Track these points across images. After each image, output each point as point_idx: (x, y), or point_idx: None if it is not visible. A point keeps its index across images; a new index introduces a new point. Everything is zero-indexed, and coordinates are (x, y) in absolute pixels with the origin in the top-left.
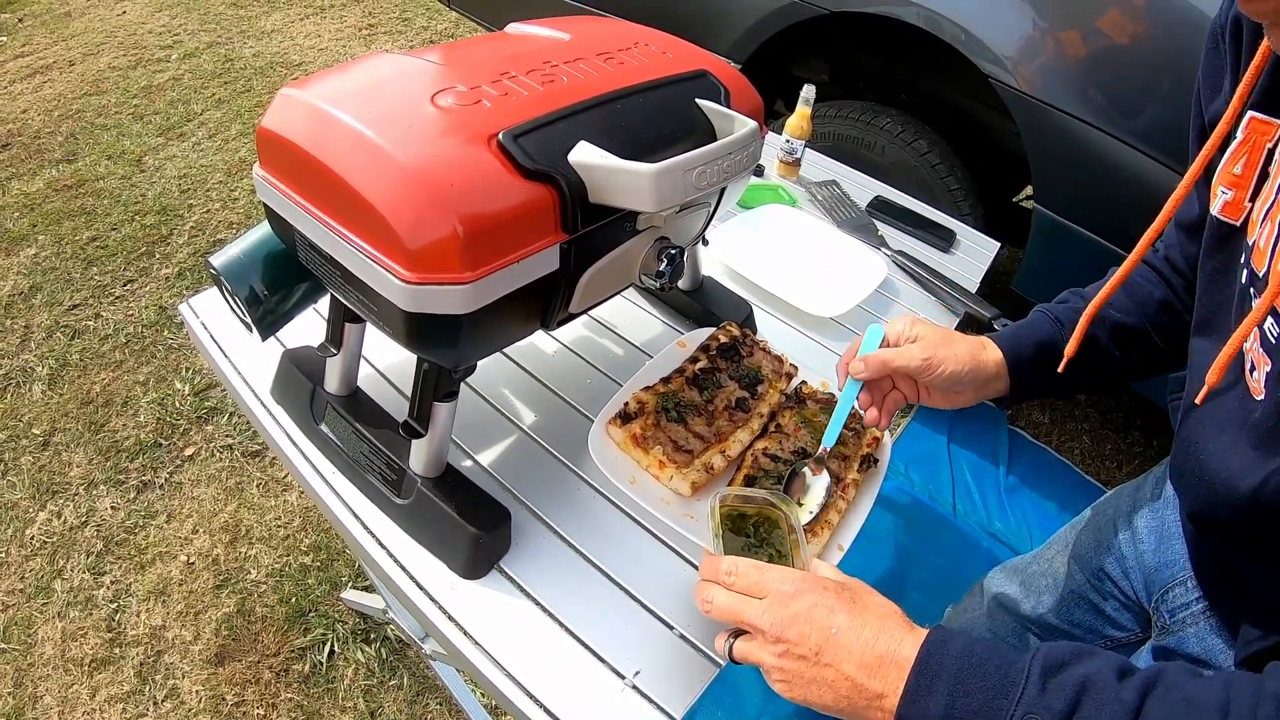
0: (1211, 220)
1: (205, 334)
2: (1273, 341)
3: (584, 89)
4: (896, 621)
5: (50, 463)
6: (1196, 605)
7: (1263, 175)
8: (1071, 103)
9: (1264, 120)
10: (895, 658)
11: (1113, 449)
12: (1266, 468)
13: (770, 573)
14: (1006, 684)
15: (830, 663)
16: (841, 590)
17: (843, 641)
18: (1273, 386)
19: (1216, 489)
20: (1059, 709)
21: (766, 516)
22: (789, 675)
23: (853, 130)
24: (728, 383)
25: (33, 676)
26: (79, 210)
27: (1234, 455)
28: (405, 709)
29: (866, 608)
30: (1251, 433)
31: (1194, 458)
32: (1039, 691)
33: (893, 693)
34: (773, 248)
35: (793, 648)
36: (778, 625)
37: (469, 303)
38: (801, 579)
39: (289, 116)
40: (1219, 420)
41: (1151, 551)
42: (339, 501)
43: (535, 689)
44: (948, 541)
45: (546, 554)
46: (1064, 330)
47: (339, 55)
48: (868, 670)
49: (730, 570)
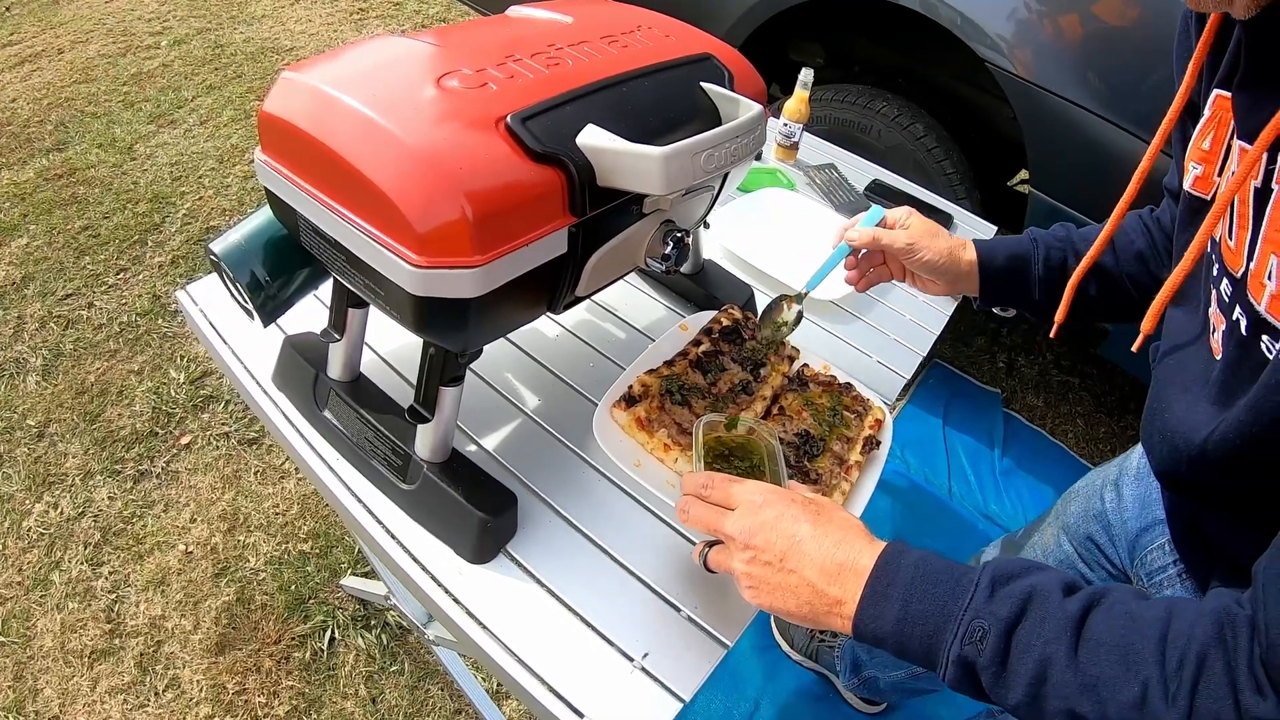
0: (1184, 194)
1: (204, 321)
2: (1226, 301)
3: (589, 72)
4: (857, 534)
5: (46, 454)
6: (1174, 568)
7: (1229, 150)
8: (1068, 87)
9: (1228, 96)
10: (854, 566)
11: (1106, 432)
12: (1221, 419)
13: (743, 485)
14: (957, 591)
15: (794, 569)
16: (808, 503)
17: (805, 549)
18: (1226, 343)
19: (1175, 443)
20: (1004, 615)
21: (749, 444)
22: (756, 581)
23: (849, 114)
24: (730, 366)
25: (32, 669)
26: (70, 199)
27: (1193, 411)
28: (407, 695)
29: (830, 519)
30: (1210, 389)
31: (1159, 415)
32: (987, 599)
33: (851, 599)
34: (772, 231)
35: (759, 554)
36: (746, 532)
37: (478, 286)
38: (770, 491)
39: (291, 100)
40: (1184, 379)
41: (1135, 518)
42: (343, 488)
43: (544, 673)
44: (944, 524)
45: (553, 538)
46: (1037, 249)
47: (330, 40)
48: (828, 577)
49: (706, 484)
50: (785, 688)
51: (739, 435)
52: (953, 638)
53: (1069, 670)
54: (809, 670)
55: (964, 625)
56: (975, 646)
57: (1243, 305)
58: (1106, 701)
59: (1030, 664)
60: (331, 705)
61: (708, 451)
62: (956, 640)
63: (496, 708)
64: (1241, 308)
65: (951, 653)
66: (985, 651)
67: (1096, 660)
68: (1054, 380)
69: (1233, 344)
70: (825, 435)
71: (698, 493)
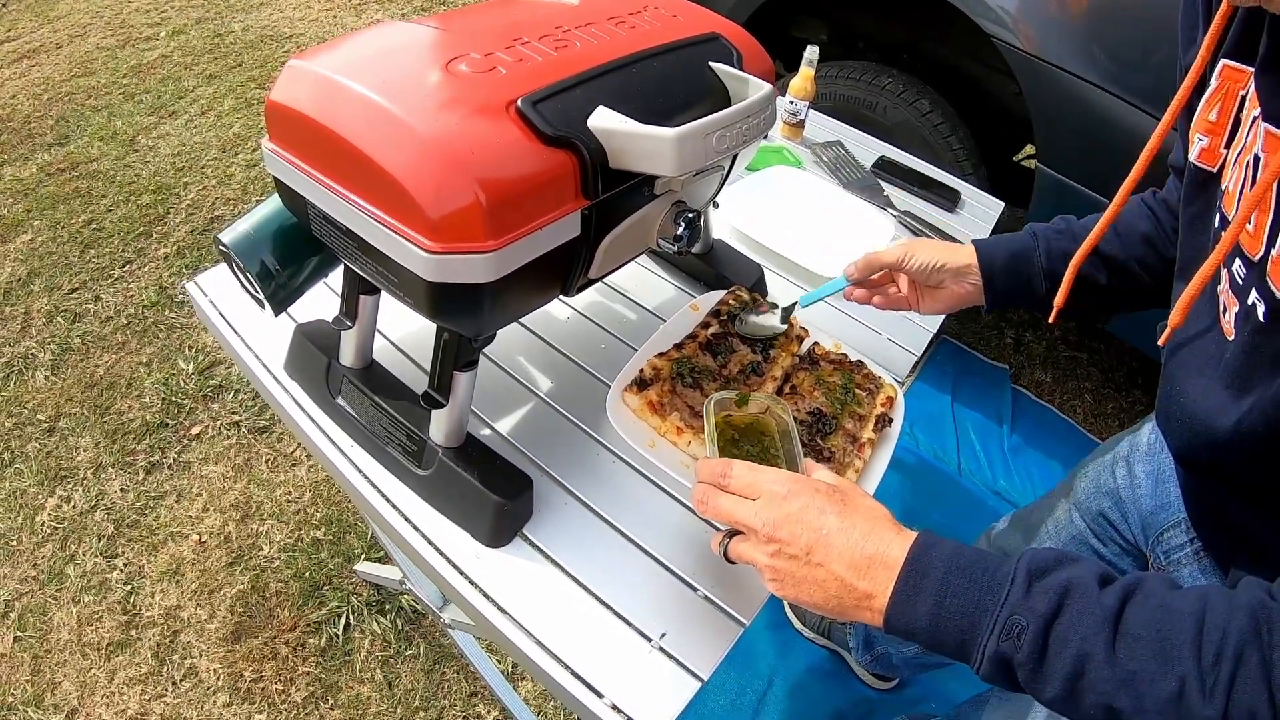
0: (1190, 167)
1: (214, 311)
2: (1240, 283)
3: (598, 54)
4: (886, 524)
5: (57, 448)
6: (1190, 547)
7: (1236, 122)
8: (1074, 61)
9: (1236, 68)
10: (884, 559)
11: (1114, 407)
12: (1239, 407)
13: (764, 474)
14: (993, 585)
15: (821, 562)
16: (833, 492)
17: (833, 542)
18: (1240, 327)
19: (1195, 429)
20: (1042, 611)
21: (760, 425)
22: (780, 574)
23: (855, 91)
24: (740, 347)
25: (50, 663)
26: (73, 193)
27: (1210, 395)
28: (423, 678)
29: (857, 509)
30: (1224, 372)
31: (1175, 399)
32: (1024, 594)
33: (881, 593)
34: (780, 209)
35: (784, 547)
36: (770, 525)
37: (492, 271)
38: (794, 480)
39: (299, 88)
40: (1197, 362)
41: (1148, 495)
42: (359, 474)
43: (564, 654)
44: (953, 501)
45: (569, 520)
46: (1038, 243)
47: (331, 26)
48: (857, 570)
49: (724, 473)
50: (798, 665)
51: (750, 414)
52: (989, 633)
53: (1106, 665)
54: (821, 647)
55: (1001, 621)
56: (1013, 642)
57: (1260, 290)
58: (1144, 696)
59: (1068, 659)
60: (348, 690)
61: (719, 435)
62: (993, 636)
63: (513, 689)
64: (1259, 292)
65: (988, 649)
66: (1023, 648)
67: (1134, 655)
68: (1062, 356)
69: (1248, 329)
70: (838, 413)
71: (716, 481)
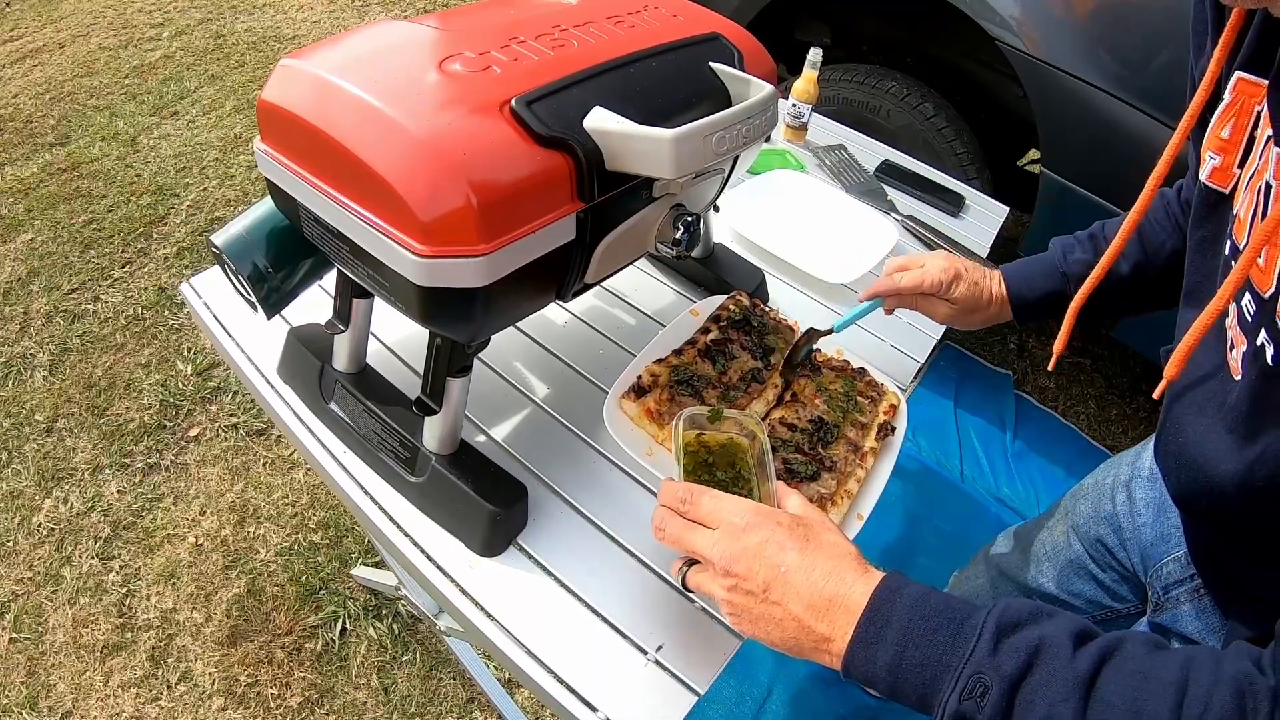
0: (1201, 186)
1: (208, 314)
2: (1249, 320)
3: (595, 53)
4: (849, 563)
5: (54, 449)
6: (1190, 583)
7: (1251, 139)
8: (1078, 65)
9: (1252, 81)
10: (845, 602)
11: (1118, 414)
12: (1243, 456)
13: (724, 503)
14: (958, 640)
15: (778, 601)
16: (795, 526)
17: (791, 580)
18: (1248, 368)
19: (1194, 474)
20: (1008, 671)
21: (734, 446)
22: (737, 610)
23: (858, 94)
24: (740, 353)
25: (45, 665)
26: (74, 193)
27: (1211, 438)
28: (419, 684)
29: (820, 546)
30: (1228, 415)
31: (1175, 439)
32: (990, 651)
33: (840, 637)
34: (782, 213)
35: (741, 582)
36: (727, 558)
37: (485, 275)
38: (755, 511)
39: (291, 88)
40: (1199, 400)
41: (1149, 524)
42: (351, 481)
43: (558, 667)
44: (955, 507)
45: (565, 529)
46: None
47: (333, 28)
48: (815, 612)
49: (685, 498)
50: (797, 673)
51: (725, 433)
52: (951, 690)
53: None
54: None
55: (963, 679)
56: (975, 702)
57: (1270, 331)
58: None
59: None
60: (344, 696)
61: (690, 458)
62: (955, 693)
63: (509, 697)
64: (1269, 334)
65: (949, 706)
66: (985, 709)
67: None
68: (1065, 362)
69: (1255, 370)
70: (839, 421)
71: (675, 506)
